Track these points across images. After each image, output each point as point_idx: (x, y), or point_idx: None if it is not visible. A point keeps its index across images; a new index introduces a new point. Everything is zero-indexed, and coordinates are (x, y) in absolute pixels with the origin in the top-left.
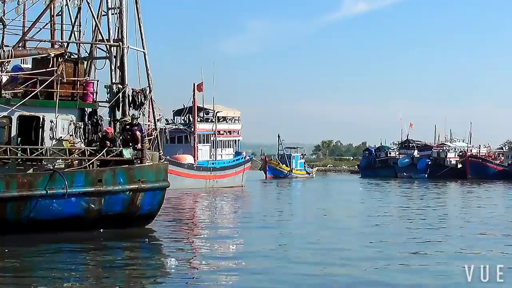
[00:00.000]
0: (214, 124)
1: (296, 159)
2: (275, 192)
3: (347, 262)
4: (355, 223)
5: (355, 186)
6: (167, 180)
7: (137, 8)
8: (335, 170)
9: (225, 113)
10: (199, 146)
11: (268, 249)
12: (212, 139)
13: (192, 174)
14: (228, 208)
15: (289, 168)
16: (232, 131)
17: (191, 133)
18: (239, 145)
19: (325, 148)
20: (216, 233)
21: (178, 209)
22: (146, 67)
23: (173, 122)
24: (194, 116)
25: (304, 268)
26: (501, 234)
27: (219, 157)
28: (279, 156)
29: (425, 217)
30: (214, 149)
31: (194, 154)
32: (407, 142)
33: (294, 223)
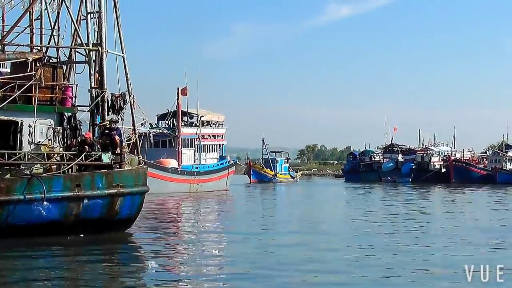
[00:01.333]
0: (198, 128)
1: (281, 163)
2: (259, 197)
3: (340, 269)
4: (340, 229)
5: (339, 190)
6: (146, 185)
7: (116, 13)
8: (319, 174)
9: (209, 117)
10: (183, 150)
11: (251, 254)
12: (196, 143)
13: (176, 178)
14: (212, 212)
15: (274, 172)
16: (216, 135)
17: (175, 138)
18: (223, 149)
19: (309, 152)
20: (198, 238)
21: (161, 213)
22: (126, 72)
23: (157, 126)
24: (178, 121)
25: (286, 273)
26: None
27: (203, 161)
28: (263, 160)
29: (409, 223)
30: (198, 153)
31: (178, 158)
32: (391, 146)
33: (277, 229)
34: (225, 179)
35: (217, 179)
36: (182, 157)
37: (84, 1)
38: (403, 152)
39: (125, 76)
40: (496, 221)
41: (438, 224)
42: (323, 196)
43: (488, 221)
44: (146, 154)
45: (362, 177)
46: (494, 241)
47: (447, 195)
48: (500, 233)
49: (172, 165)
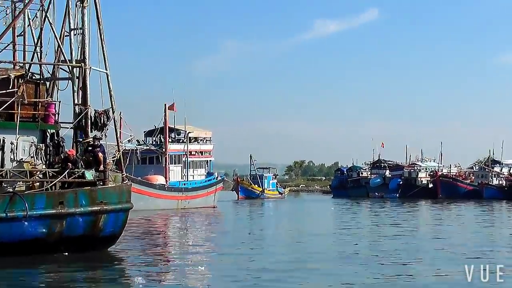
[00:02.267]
0: (186, 145)
1: (268, 180)
2: (247, 213)
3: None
4: (329, 246)
5: (326, 206)
6: (130, 202)
7: (100, 29)
8: (307, 190)
9: (197, 134)
10: (171, 166)
11: (238, 273)
12: (184, 160)
13: (163, 195)
14: (199, 229)
15: (261, 189)
16: (204, 151)
17: (162, 154)
18: (211, 166)
19: (297, 168)
20: (185, 255)
21: (148, 230)
22: (109, 88)
23: (144, 143)
24: (165, 137)
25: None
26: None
27: (190, 178)
28: (251, 176)
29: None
30: (186, 169)
31: (166, 175)
32: (379, 162)
33: (264, 246)
34: (213, 195)
35: (205, 196)
36: (170, 173)
37: (68, 18)
38: (390, 168)
39: (108, 93)
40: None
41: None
42: (310, 213)
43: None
44: (134, 171)
45: (349, 193)
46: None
47: (433, 211)
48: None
49: (160, 182)
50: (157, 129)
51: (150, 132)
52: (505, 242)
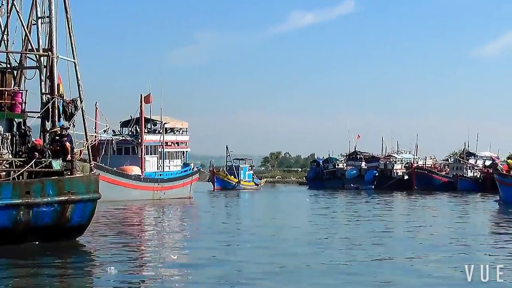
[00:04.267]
0: (162, 136)
1: (245, 171)
2: (222, 204)
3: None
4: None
5: (302, 197)
6: (98, 192)
7: (67, 18)
8: (283, 181)
9: (173, 125)
10: (147, 157)
11: (212, 261)
12: (160, 151)
13: (139, 186)
14: (174, 219)
15: (237, 180)
16: (180, 142)
17: (138, 145)
18: (187, 157)
19: (273, 160)
20: (159, 244)
21: (122, 221)
22: (77, 77)
23: (120, 133)
24: (141, 127)
25: (247, 275)
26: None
27: (166, 169)
28: (227, 167)
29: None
30: (162, 160)
31: (141, 166)
32: (355, 154)
33: (239, 237)
34: (189, 186)
35: (181, 186)
36: (145, 164)
37: (35, 6)
38: (366, 160)
39: (76, 82)
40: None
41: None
42: (285, 203)
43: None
44: (109, 161)
45: (325, 184)
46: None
47: (406, 202)
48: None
49: (135, 172)
50: (133, 119)
51: (126, 122)
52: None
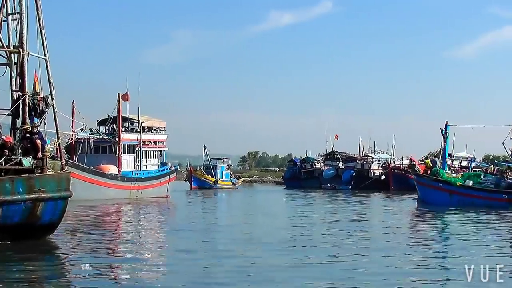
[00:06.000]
0: (139, 135)
1: (222, 170)
2: (199, 203)
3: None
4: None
5: (278, 197)
6: (69, 190)
7: (38, 14)
8: (260, 181)
9: (150, 124)
10: (124, 156)
11: (189, 261)
12: (137, 150)
13: (116, 185)
14: (150, 219)
15: (215, 179)
16: (158, 141)
17: (115, 143)
18: (164, 156)
19: (251, 159)
20: (135, 243)
21: (98, 220)
22: (48, 74)
23: (97, 132)
24: (118, 126)
25: (224, 274)
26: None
27: (143, 168)
28: (204, 167)
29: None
30: (139, 159)
31: (118, 165)
32: (332, 154)
33: (215, 236)
34: (166, 185)
35: (158, 186)
36: (122, 163)
37: (5, 2)
38: (343, 160)
39: (47, 79)
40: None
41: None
42: (262, 203)
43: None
44: (86, 160)
45: (302, 184)
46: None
47: (381, 202)
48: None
49: (112, 171)
50: (110, 118)
51: (103, 121)
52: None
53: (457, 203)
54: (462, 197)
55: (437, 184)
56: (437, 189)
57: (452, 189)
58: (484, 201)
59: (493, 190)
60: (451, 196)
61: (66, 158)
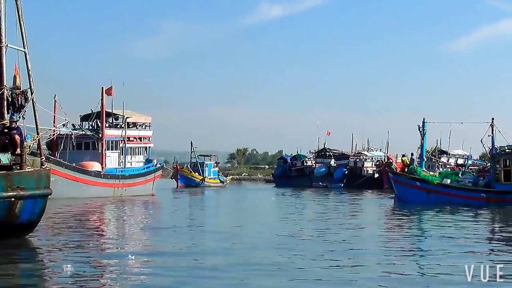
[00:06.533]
0: (124, 130)
1: (210, 167)
2: (185, 202)
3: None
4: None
5: (268, 196)
6: (49, 187)
7: (17, 5)
8: (250, 179)
9: (135, 119)
10: (107, 153)
11: (173, 260)
12: (121, 146)
13: (99, 182)
14: (135, 218)
15: (202, 177)
16: (143, 137)
17: (99, 139)
18: (149, 152)
19: (240, 156)
20: (119, 242)
21: (80, 218)
22: (27, 68)
23: (80, 127)
24: (102, 122)
25: (209, 272)
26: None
27: (128, 165)
28: (191, 164)
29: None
30: (123, 156)
31: (102, 161)
32: (324, 151)
33: (200, 236)
34: (151, 183)
35: (143, 183)
36: (106, 160)
37: None
38: (335, 157)
39: (27, 73)
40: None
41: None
42: (250, 202)
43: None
44: (68, 157)
45: (293, 182)
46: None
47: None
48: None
49: (95, 168)
50: (94, 113)
51: (86, 116)
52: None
53: (435, 202)
54: (440, 195)
55: (414, 182)
56: (414, 188)
57: (429, 187)
58: (462, 200)
59: (471, 189)
60: (428, 195)
61: (48, 154)
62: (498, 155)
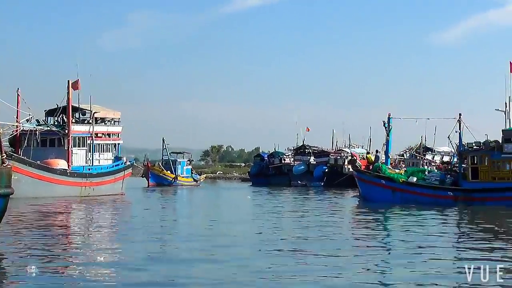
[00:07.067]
0: (91, 126)
1: (182, 165)
2: (156, 202)
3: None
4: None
5: (243, 195)
6: (10, 187)
7: None
8: (225, 177)
9: (104, 114)
10: (74, 150)
11: (142, 262)
12: (89, 143)
13: (65, 181)
14: (103, 218)
15: (174, 175)
16: (111, 133)
17: (65, 136)
18: (119, 149)
19: (214, 154)
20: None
21: (44, 219)
22: None
23: (45, 123)
24: (68, 117)
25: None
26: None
27: (96, 162)
28: (163, 161)
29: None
30: (91, 153)
31: (68, 159)
32: (303, 148)
33: (170, 237)
34: (121, 182)
35: (112, 182)
36: (73, 157)
37: None
38: (315, 154)
39: None
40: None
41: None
42: (225, 201)
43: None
44: (32, 154)
45: (270, 181)
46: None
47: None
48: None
49: (61, 166)
50: (60, 108)
51: (51, 111)
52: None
53: (400, 201)
54: (406, 194)
55: (379, 180)
56: (379, 186)
57: (394, 186)
58: (429, 199)
59: (438, 187)
60: (393, 194)
61: (10, 151)
62: (466, 152)
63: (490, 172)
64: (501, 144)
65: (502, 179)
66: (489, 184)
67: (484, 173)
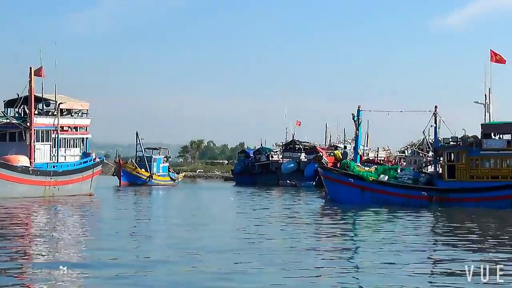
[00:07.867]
0: (56, 118)
1: (158, 163)
2: (128, 203)
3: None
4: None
5: (225, 196)
6: None
7: None
8: (206, 176)
9: (70, 105)
10: (37, 145)
11: (110, 269)
12: (53, 137)
13: (27, 180)
14: (69, 221)
15: (149, 174)
16: (79, 127)
17: (26, 129)
18: (87, 145)
19: (194, 150)
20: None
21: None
22: None
23: (4, 115)
24: (30, 108)
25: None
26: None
27: (62, 159)
28: (137, 158)
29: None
30: (56, 149)
31: (30, 155)
32: (293, 143)
33: (142, 243)
34: (89, 181)
35: (79, 181)
36: (35, 153)
37: None
38: (306, 151)
39: None
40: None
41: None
42: (205, 204)
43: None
44: None
45: (256, 180)
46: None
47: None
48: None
49: (22, 163)
50: (21, 98)
51: (11, 101)
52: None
53: (370, 202)
54: (376, 194)
55: (347, 179)
56: (347, 185)
57: (364, 185)
58: (401, 199)
59: (411, 186)
60: (363, 193)
61: None
62: (442, 148)
63: (467, 170)
64: (480, 140)
65: (480, 178)
66: (467, 184)
67: (461, 172)
